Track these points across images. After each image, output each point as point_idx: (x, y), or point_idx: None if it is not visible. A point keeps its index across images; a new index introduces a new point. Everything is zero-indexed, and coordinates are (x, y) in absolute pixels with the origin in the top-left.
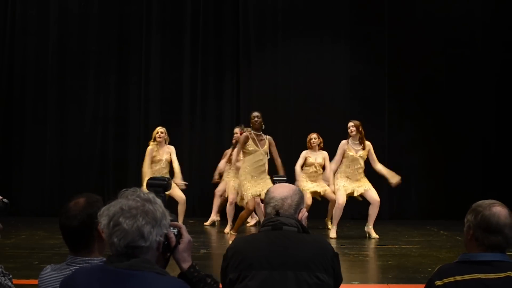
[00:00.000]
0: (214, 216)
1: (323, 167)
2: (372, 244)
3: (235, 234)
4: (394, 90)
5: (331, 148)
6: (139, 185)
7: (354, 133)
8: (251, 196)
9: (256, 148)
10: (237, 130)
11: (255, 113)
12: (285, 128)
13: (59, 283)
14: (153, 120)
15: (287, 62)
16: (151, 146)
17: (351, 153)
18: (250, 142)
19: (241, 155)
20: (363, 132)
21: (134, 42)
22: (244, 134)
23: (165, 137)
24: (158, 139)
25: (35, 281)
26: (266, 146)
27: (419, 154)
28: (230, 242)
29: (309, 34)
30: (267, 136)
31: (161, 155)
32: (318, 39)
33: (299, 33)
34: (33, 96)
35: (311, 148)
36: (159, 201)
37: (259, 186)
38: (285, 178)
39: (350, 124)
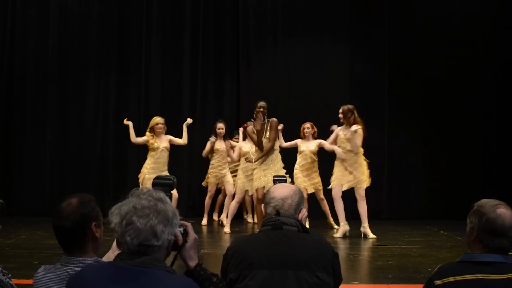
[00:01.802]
0: (206, 218)
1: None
2: (372, 244)
3: (229, 232)
4: (394, 90)
5: None
6: (138, 185)
7: (342, 120)
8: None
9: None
10: (221, 125)
11: (260, 103)
12: (284, 128)
13: (53, 283)
14: None
15: (287, 62)
16: (147, 137)
17: (340, 135)
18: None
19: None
20: (353, 117)
21: (134, 42)
22: (249, 127)
23: (164, 127)
24: (158, 130)
25: None
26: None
27: (419, 154)
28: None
29: (309, 34)
30: (270, 120)
31: (158, 143)
32: (318, 39)
33: (299, 33)
34: (33, 96)
35: (303, 137)
36: (169, 200)
37: (264, 179)
38: (285, 178)
39: (340, 110)
